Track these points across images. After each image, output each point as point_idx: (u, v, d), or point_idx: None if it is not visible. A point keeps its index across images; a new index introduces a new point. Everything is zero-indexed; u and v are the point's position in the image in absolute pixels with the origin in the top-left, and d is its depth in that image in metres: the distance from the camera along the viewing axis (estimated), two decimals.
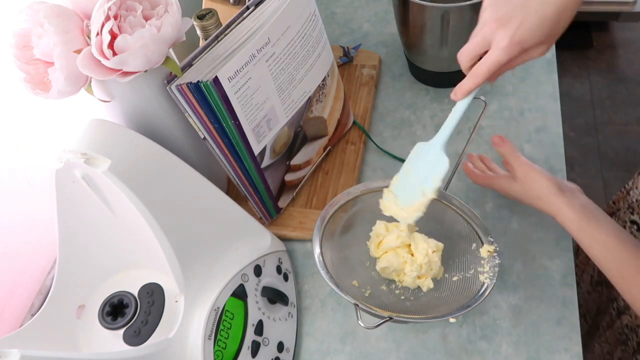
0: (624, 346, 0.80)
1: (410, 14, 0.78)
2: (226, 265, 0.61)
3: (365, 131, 0.84)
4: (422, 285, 0.62)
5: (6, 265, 0.65)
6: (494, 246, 0.61)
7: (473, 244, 0.63)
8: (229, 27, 0.61)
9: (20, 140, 0.65)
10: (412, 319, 0.57)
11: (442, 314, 0.56)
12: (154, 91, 0.58)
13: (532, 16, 0.48)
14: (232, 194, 0.76)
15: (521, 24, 0.48)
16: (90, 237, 0.58)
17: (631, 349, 0.79)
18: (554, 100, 0.85)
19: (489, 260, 0.60)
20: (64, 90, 0.51)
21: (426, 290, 0.62)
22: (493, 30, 0.49)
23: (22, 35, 0.51)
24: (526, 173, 0.62)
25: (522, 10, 0.48)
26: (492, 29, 0.49)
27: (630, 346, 0.79)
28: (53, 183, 0.52)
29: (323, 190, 0.79)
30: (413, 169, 0.60)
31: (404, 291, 0.63)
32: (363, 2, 1.05)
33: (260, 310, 0.62)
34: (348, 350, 0.67)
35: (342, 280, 0.60)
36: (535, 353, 0.63)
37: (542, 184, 0.60)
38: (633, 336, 0.77)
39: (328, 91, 0.75)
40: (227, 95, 0.58)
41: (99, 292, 0.59)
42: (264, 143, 0.67)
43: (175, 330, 0.55)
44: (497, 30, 0.49)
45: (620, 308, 0.80)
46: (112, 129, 0.55)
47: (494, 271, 0.59)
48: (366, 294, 0.62)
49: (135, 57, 0.50)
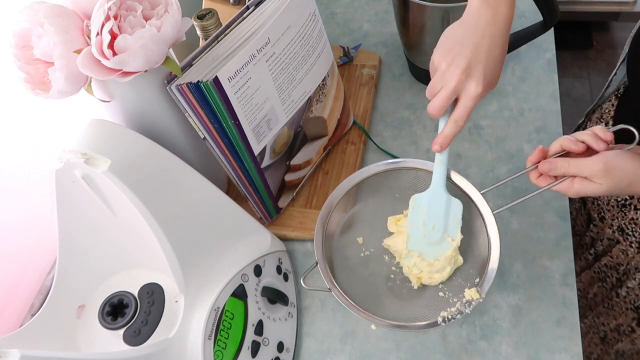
0: (602, 282, 0.84)
1: (410, 14, 0.78)
2: (226, 265, 0.61)
3: (365, 131, 0.84)
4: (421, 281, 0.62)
5: (6, 265, 0.65)
6: (479, 296, 0.56)
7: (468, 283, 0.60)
8: (229, 27, 0.61)
9: (20, 140, 0.65)
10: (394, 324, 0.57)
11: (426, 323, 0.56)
12: (154, 91, 0.58)
13: (489, 62, 0.53)
14: (232, 194, 0.76)
15: (485, 70, 0.53)
16: (90, 237, 0.58)
17: (609, 284, 0.83)
18: (554, 100, 0.85)
19: (467, 303, 0.57)
20: (64, 90, 0.51)
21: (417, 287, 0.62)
22: (462, 81, 0.53)
23: (22, 35, 0.51)
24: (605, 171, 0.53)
25: (478, 58, 0.53)
26: (461, 80, 0.53)
27: (609, 282, 0.82)
28: (53, 183, 0.52)
29: (323, 190, 0.79)
30: (426, 221, 0.61)
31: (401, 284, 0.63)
32: (363, 2, 1.05)
33: (260, 310, 0.62)
34: (348, 350, 0.67)
35: (342, 281, 0.60)
36: (535, 353, 0.63)
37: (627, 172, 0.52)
38: (613, 273, 0.80)
39: (328, 91, 0.75)
40: (227, 95, 0.58)
41: (99, 292, 0.59)
42: (264, 143, 0.67)
43: (175, 330, 0.55)
44: (467, 81, 0.53)
45: (599, 252, 0.82)
46: (112, 129, 0.55)
47: (463, 311, 0.56)
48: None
49: (135, 57, 0.50)
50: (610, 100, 0.78)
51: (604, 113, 0.78)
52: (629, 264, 0.77)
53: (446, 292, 0.60)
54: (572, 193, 0.55)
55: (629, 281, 0.78)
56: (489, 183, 0.77)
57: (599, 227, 0.80)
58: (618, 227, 0.75)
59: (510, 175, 0.60)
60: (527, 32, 0.82)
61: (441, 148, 0.57)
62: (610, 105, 0.77)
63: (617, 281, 0.80)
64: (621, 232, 0.75)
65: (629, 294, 0.79)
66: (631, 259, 0.76)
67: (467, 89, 0.53)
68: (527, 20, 0.94)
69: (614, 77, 0.79)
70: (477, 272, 0.59)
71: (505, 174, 0.78)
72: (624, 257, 0.77)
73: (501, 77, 0.59)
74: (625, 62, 0.73)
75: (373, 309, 0.58)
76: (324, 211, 0.62)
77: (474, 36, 0.54)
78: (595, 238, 0.82)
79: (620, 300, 0.82)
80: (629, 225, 0.73)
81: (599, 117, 0.79)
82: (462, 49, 0.53)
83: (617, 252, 0.77)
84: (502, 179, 0.77)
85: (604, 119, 0.78)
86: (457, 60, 0.53)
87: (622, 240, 0.75)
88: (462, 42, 0.54)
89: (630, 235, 0.73)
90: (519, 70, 0.89)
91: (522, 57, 0.91)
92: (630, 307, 0.81)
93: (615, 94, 0.77)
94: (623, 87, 0.76)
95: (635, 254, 0.74)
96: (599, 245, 0.81)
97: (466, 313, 0.55)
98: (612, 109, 0.76)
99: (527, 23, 0.83)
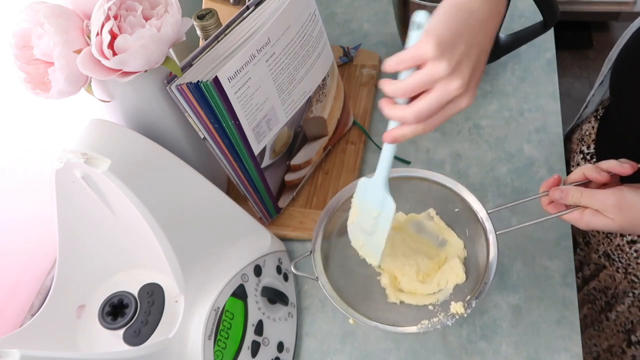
0: (591, 304, 0.83)
1: (410, 14, 0.78)
2: (226, 265, 0.61)
3: (365, 131, 0.84)
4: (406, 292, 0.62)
5: (6, 265, 0.65)
6: (464, 311, 0.56)
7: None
8: (229, 27, 0.61)
9: (20, 140, 0.65)
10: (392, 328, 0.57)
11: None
12: (154, 91, 0.58)
13: (482, 70, 0.46)
14: (232, 194, 0.76)
15: (478, 80, 0.46)
16: (90, 237, 0.58)
17: (599, 307, 0.81)
18: (554, 100, 0.85)
19: (451, 315, 0.56)
20: (64, 90, 0.51)
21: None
22: (460, 96, 0.45)
23: (22, 35, 0.51)
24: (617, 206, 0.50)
25: (478, 66, 0.45)
26: (459, 95, 0.45)
27: (598, 305, 0.81)
28: (53, 183, 0.52)
29: (323, 190, 0.79)
30: (362, 208, 0.57)
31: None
32: (363, 2, 1.05)
33: (260, 310, 0.62)
34: (348, 350, 0.67)
35: (335, 276, 0.60)
36: (535, 353, 0.63)
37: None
38: (602, 296, 0.79)
39: (328, 91, 0.75)
40: (227, 95, 0.58)
41: (99, 292, 0.59)
42: (264, 143, 0.67)
43: (175, 330, 0.55)
44: (465, 92, 0.45)
45: (586, 276, 0.81)
46: (112, 129, 0.55)
47: (444, 323, 0.56)
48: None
49: (135, 57, 0.50)
50: (589, 121, 0.76)
51: (585, 135, 0.76)
52: (616, 288, 0.75)
53: (436, 307, 0.59)
54: (582, 224, 0.52)
55: (618, 305, 0.77)
56: (488, 183, 0.78)
57: (585, 252, 0.79)
58: (604, 253, 0.74)
59: (520, 199, 0.59)
60: (527, 32, 0.82)
61: (395, 139, 0.48)
62: (591, 127, 0.75)
63: (606, 304, 0.79)
64: (607, 258, 0.74)
65: (618, 317, 0.78)
66: (619, 284, 0.74)
67: (459, 100, 0.45)
68: (527, 20, 0.95)
69: (591, 98, 0.77)
70: (469, 289, 0.58)
71: (505, 174, 0.78)
72: (611, 282, 0.75)
73: (501, 77, 0.59)
74: (608, 80, 0.69)
75: (356, 305, 0.58)
76: (330, 205, 0.63)
77: (480, 33, 0.45)
78: (582, 262, 0.81)
79: (610, 323, 0.80)
80: (615, 252, 0.71)
81: (580, 139, 0.78)
82: (468, 50, 0.44)
83: (605, 277, 0.76)
84: (503, 181, 0.78)
85: (585, 141, 0.76)
86: (462, 68, 0.44)
87: (608, 265, 0.74)
88: (467, 38, 0.44)
89: (616, 261, 0.72)
90: (519, 70, 0.89)
91: (522, 57, 0.91)
92: (620, 330, 0.79)
93: (595, 115, 0.76)
94: (602, 108, 0.75)
95: (623, 279, 0.73)
96: (587, 269, 0.80)
97: (446, 325, 0.55)
98: (593, 132, 0.74)
99: (527, 23, 0.83)
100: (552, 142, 0.80)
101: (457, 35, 0.43)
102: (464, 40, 0.44)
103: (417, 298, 0.61)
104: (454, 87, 0.44)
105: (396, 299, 0.61)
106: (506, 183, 0.77)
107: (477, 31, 0.45)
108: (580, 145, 0.77)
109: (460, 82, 0.44)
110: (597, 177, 0.52)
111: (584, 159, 0.75)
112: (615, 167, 0.51)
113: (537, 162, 0.79)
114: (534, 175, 0.78)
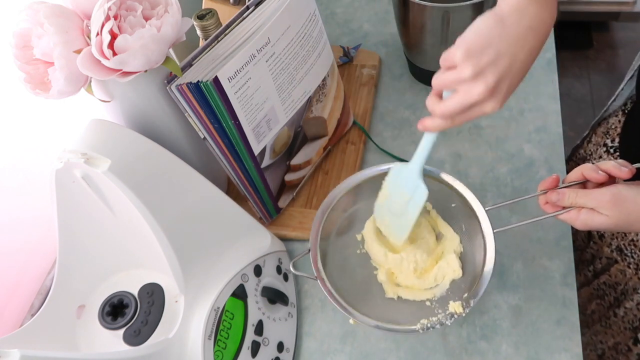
0: (600, 300, 0.83)
1: (410, 14, 0.78)
2: (226, 265, 0.61)
3: (365, 131, 0.84)
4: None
5: (6, 265, 0.65)
6: (462, 310, 0.56)
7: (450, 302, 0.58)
8: (229, 27, 0.61)
9: (20, 140, 0.65)
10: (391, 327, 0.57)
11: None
12: (154, 91, 0.58)
13: (516, 80, 0.48)
14: (232, 194, 0.76)
15: (509, 89, 0.48)
16: (90, 237, 0.58)
17: (607, 303, 0.82)
18: (554, 100, 0.85)
19: (449, 315, 0.56)
20: (64, 90, 0.51)
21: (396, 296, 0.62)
22: (485, 100, 0.48)
23: (22, 35, 0.51)
24: (612, 203, 0.51)
25: (509, 75, 0.47)
26: (484, 99, 0.47)
27: (607, 300, 0.81)
28: (53, 183, 0.52)
29: (323, 190, 0.79)
30: (393, 191, 0.60)
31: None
32: (363, 2, 1.05)
33: (260, 310, 0.62)
34: (348, 350, 0.67)
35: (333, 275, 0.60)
36: (535, 353, 0.63)
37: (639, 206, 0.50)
38: (611, 292, 0.80)
39: (328, 91, 0.75)
40: (227, 95, 0.58)
41: (99, 292, 0.60)
42: (264, 143, 0.67)
43: (175, 330, 0.55)
44: (488, 98, 0.48)
45: (597, 270, 0.81)
46: (112, 129, 0.55)
47: (443, 322, 0.56)
48: None
49: (135, 57, 0.50)
50: (617, 115, 0.76)
51: (610, 128, 0.77)
52: (627, 284, 0.75)
53: (433, 302, 0.60)
54: (578, 224, 0.53)
55: (627, 302, 0.77)
56: (488, 183, 0.78)
57: (598, 245, 0.79)
58: (617, 247, 0.74)
59: (517, 197, 0.61)
60: None
61: (425, 127, 0.52)
62: (617, 120, 0.76)
63: (615, 300, 0.79)
64: (619, 252, 0.74)
65: (627, 314, 0.78)
66: (629, 280, 0.74)
67: (484, 104, 0.48)
68: None
69: (620, 92, 0.77)
70: (467, 288, 0.58)
71: (505, 174, 0.78)
72: (622, 277, 0.76)
73: None
74: (635, 77, 0.70)
75: (357, 305, 0.58)
76: (326, 201, 0.63)
77: (514, 44, 0.47)
78: (595, 255, 0.81)
79: (618, 320, 0.80)
80: (628, 247, 0.72)
81: (605, 132, 0.78)
82: (496, 59, 0.46)
83: (616, 272, 0.76)
84: (503, 181, 0.77)
85: (610, 135, 0.76)
86: (487, 74, 0.46)
87: (620, 260, 0.74)
88: (497, 47, 0.46)
89: (628, 256, 0.72)
90: None
91: None
92: (628, 327, 0.79)
93: (623, 108, 0.75)
94: (631, 102, 0.74)
95: (633, 275, 0.73)
96: (598, 263, 0.80)
97: (445, 324, 0.56)
98: (619, 125, 0.75)
99: None
100: (552, 142, 0.80)
101: (486, 44, 0.46)
102: (493, 49, 0.46)
103: (414, 293, 0.61)
104: (477, 91, 0.47)
105: (393, 294, 0.61)
106: (506, 183, 0.77)
107: (511, 43, 0.47)
108: (604, 138, 0.77)
109: (483, 87, 0.46)
110: (595, 177, 0.52)
111: (607, 152, 0.75)
112: (613, 170, 0.52)
113: (537, 162, 0.79)
114: (534, 175, 0.78)
